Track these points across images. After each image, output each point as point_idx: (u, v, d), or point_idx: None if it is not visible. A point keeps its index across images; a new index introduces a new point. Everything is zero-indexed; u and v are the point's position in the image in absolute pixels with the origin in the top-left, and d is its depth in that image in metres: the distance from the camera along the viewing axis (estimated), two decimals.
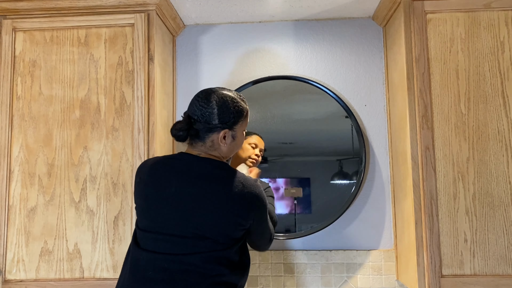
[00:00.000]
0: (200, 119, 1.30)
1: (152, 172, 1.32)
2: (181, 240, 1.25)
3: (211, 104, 1.30)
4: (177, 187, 1.27)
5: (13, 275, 1.68)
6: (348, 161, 1.95)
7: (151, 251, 1.27)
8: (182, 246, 1.25)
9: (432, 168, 1.62)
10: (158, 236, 1.27)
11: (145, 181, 1.32)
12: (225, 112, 1.31)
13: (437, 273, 1.57)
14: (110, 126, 1.72)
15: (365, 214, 1.97)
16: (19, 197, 1.71)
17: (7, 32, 1.78)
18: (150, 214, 1.30)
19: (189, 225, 1.26)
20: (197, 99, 1.33)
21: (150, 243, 1.28)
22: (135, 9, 1.77)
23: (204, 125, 1.30)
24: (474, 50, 1.67)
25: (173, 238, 1.26)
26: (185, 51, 2.11)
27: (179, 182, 1.28)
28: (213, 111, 1.30)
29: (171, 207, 1.27)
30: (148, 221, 1.30)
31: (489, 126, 1.63)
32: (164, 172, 1.31)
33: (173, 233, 1.26)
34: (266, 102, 2.02)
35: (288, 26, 2.09)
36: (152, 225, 1.29)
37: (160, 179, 1.30)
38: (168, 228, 1.27)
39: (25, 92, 1.76)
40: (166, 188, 1.28)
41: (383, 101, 2.02)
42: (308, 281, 1.93)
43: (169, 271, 1.24)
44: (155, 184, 1.30)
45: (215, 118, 1.30)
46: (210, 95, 1.32)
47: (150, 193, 1.30)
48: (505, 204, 1.59)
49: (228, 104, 1.31)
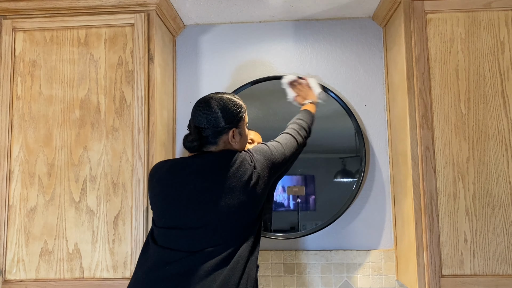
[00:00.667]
0: (207, 125, 1.38)
1: (169, 172, 1.39)
2: (202, 235, 1.30)
3: (213, 109, 1.38)
4: (194, 184, 1.33)
5: (13, 275, 1.68)
6: (351, 159, 1.96)
7: (172, 248, 1.30)
8: (203, 241, 1.29)
9: (432, 168, 1.62)
10: (179, 232, 1.32)
11: (163, 180, 1.38)
12: (228, 113, 1.39)
13: (437, 273, 1.57)
14: (110, 126, 1.72)
15: (365, 214, 1.97)
16: (19, 197, 1.71)
17: (7, 32, 1.78)
18: (170, 212, 1.35)
19: (208, 219, 1.31)
20: (198, 109, 1.40)
21: (171, 240, 1.32)
22: (135, 9, 1.77)
23: (213, 130, 1.38)
24: (474, 50, 1.67)
25: (194, 234, 1.30)
26: (185, 51, 2.11)
27: (196, 179, 1.34)
28: (218, 115, 1.37)
29: (191, 204, 1.32)
30: (168, 218, 1.35)
31: (489, 126, 1.63)
32: (181, 171, 1.37)
33: (193, 228, 1.31)
34: (267, 100, 2.02)
35: (288, 26, 2.09)
36: (173, 222, 1.34)
37: (178, 178, 1.36)
38: (188, 224, 1.32)
39: (25, 92, 1.76)
40: (184, 186, 1.34)
41: (383, 101, 2.02)
42: (308, 281, 1.93)
43: (190, 266, 1.26)
44: (173, 183, 1.36)
45: (221, 121, 1.38)
46: (210, 101, 1.40)
47: (170, 192, 1.36)
48: (505, 204, 1.59)
49: (229, 105, 1.40)
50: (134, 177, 1.68)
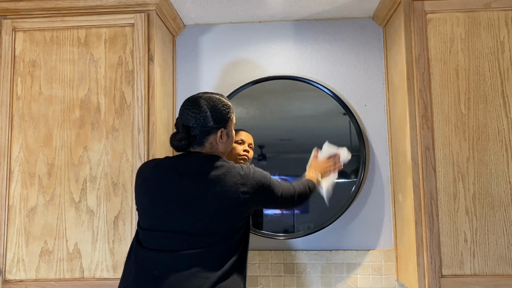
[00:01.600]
0: (195, 125, 1.36)
1: (154, 172, 1.37)
2: (186, 237, 1.28)
3: (202, 108, 1.36)
4: (179, 185, 1.31)
5: (13, 275, 1.68)
6: (351, 159, 1.95)
7: (157, 249, 1.29)
8: (187, 243, 1.28)
9: (432, 168, 1.62)
10: (163, 234, 1.30)
11: (148, 181, 1.36)
12: (217, 112, 1.38)
13: (437, 273, 1.57)
14: (110, 126, 1.72)
15: (365, 214, 1.97)
16: (19, 197, 1.71)
17: (7, 32, 1.78)
18: (155, 213, 1.33)
19: (193, 222, 1.29)
20: (187, 108, 1.38)
21: (155, 242, 1.31)
22: (135, 9, 1.77)
23: (201, 130, 1.36)
24: (474, 50, 1.67)
25: (178, 235, 1.29)
26: (185, 51, 2.11)
27: (181, 180, 1.32)
28: (207, 115, 1.36)
29: (175, 206, 1.30)
30: (153, 220, 1.33)
31: (489, 126, 1.63)
32: (166, 172, 1.35)
33: (177, 231, 1.29)
34: (265, 99, 2.02)
35: (288, 26, 2.09)
36: (157, 223, 1.32)
37: (163, 178, 1.34)
38: (172, 226, 1.30)
39: (25, 92, 1.76)
40: (169, 187, 1.32)
41: (383, 101, 2.02)
42: (308, 281, 1.93)
43: (175, 268, 1.25)
44: (158, 183, 1.34)
45: (210, 121, 1.36)
46: (198, 100, 1.38)
47: (154, 193, 1.34)
48: (505, 204, 1.59)
49: (218, 105, 1.39)
50: (134, 177, 1.68)
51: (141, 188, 1.38)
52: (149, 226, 1.33)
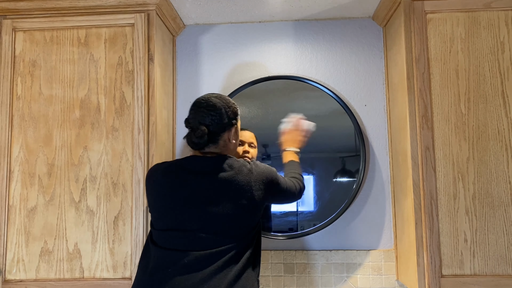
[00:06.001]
0: (212, 122, 1.39)
1: (167, 173, 1.39)
2: (201, 236, 1.30)
3: (216, 106, 1.40)
4: (194, 186, 1.34)
5: (13, 275, 1.68)
6: (351, 159, 1.95)
7: (173, 249, 1.31)
8: (202, 242, 1.30)
9: (432, 168, 1.62)
10: (179, 234, 1.32)
11: (161, 182, 1.38)
12: (230, 108, 1.43)
13: (437, 273, 1.57)
14: (110, 126, 1.72)
15: (365, 214, 1.97)
16: (19, 197, 1.71)
17: (7, 32, 1.78)
18: (169, 214, 1.35)
19: (209, 222, 1.31)
20: (201, 107, 1.40)
21: (170, 241, 1.32)
22: (135, 9, 1.77)
23: (217, 127, 1.39)
24: (474, 50, 1.67)
25: (192, 235, 1.31)
26: (185, 51, 2.11)
27: (195, 180, 1.34)
28: (221, 112, 1.40)
29: (190, 206, 1.32)
30: (167, 220, 1.35)
31: (489, 126, 1.63)
32: (179, 173, 1.37)
33: (192, 230, 1.31)
34: (267, 98, 2.02)
35: (288, 26, 2.09)
36: (172, 224, 1.34)
37: (177, 179, 1.36)
38: (187, 226, 1.32)
39: (25, 92, 1.76)
40: (184, 187, 1.34)
41: (383, 101, 2.02)
42: (308, 281, 1.93)
43: (190, 267, 1.26)
44: (172, 184, 1.36)
45: (225, 117, 1.40)
46: (211, 99, 1.42)
47: (168, 194, 1.36)
48: (505, 204, 1.59)
49: (229, 102, 1.44)
50: (134, 177, 1.68)
51: (154, 189, 1.39)
52: (164, 227, 1.35)
